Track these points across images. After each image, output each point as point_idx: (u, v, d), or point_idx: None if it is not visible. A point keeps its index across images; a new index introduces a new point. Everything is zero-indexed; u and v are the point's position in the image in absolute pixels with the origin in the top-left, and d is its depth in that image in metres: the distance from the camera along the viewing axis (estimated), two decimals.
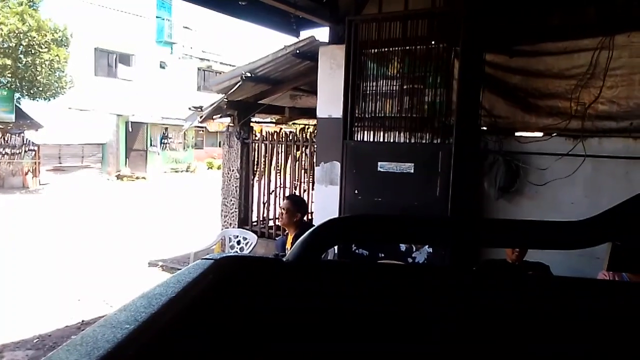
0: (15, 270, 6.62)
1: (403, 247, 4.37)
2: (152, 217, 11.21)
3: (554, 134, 4.45)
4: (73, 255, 7.50)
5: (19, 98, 16.41)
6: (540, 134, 4.58)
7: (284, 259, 1.01)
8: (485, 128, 4.74)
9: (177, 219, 11.03)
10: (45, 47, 15.68)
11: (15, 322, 4.81)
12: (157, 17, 22.70)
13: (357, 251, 4.55)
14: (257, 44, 18.44)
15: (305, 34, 6.08)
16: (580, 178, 4.27)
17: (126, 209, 12.37)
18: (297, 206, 4.12)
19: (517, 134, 4.67)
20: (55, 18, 16.27)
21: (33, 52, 15.51)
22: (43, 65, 15.70)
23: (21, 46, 15.37)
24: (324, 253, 1.17)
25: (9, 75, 15.64)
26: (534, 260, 3.55)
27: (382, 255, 4.46)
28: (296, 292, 0.99)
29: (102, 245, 8.29)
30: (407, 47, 4.27)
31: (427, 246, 4.28)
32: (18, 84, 15.91)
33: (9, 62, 15.22)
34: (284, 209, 4.15)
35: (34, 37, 15.32)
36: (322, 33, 5.98)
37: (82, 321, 4.87)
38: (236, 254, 4.63)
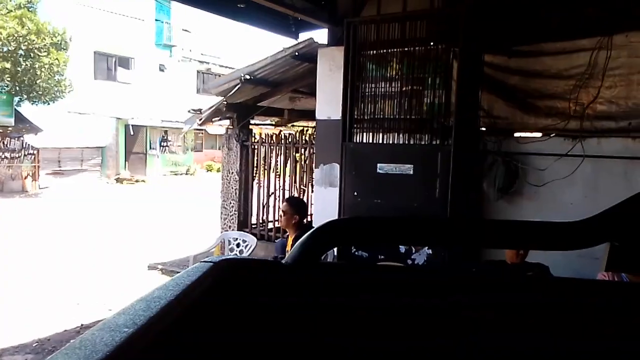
0: (14, 274, 6.61)
1: (402, 248, 4.37)
2: (152, 220, 11.20)
3: (553, 135, 4.45)
4: (72, 259, 7.49)
5: (18, 102, 16.40)
6: (539, 135, 4.58)
7: (283, 262, 1.01)
8: (484, 129, 4.74)
9: (177, 221, 11.02)
10: (45, 51, 15.69)
11: (14, 326, 4.80)
12: (156, 20, 22.73)
13: (356, 253, 4.55)
14: (256, 46, 18.49)
15: (304, 36, 6.10)
16: (579, 178, 4.28)
17: (126, 212, 12.36)
18: (296, 208, 4.12)
19: (516, 134, 4.67)
20: (54, 22, 16.28)
21: (32, 55, 15.52)
22: (42, 69, 15.71)
23: (20, 50, 15.38)
24: (324, 255, 1.17)
25: (9, 79, 15.64)
26: (533, 261, 3.55)
27: (382, 257, 4.46)
28: (295, 294, 0.99)
29: (102, 248, 8.28)
30: (406, 49, 4.28)
31: (426, 248, 4.27)
32: (17, 88, 15.91)
33: (8, 66, 15.22)
34: (282, 211, 4.16)
35: (33, 41, 15.32)
36: (321, 35, 6.00)
37: (82, 325, 4.86)
38: (235, 256, 4.62)
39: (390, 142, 4.38)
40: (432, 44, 4.19)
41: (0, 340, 4.48)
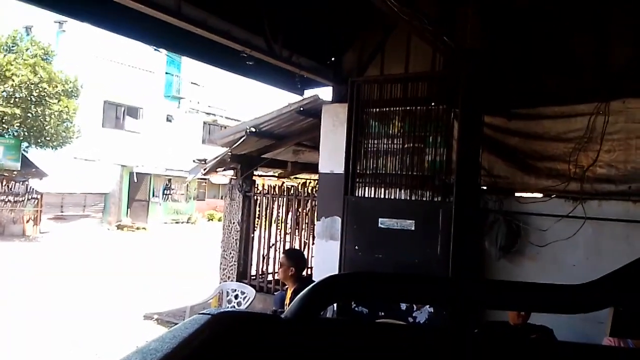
0: (5, 319, 6.47)
1: (404, 306, 4.29)
2: (150, 268, 11.07)
3: (554, 196, 4.47)
4: (67, 306, 7.34)
5: (26, 147, 16.63)
6: (540, 195, 4.61)
7: (282, 316, 1.00)
8: (485, 187, 4.77)
9: (175, 270, 10.88)
10: (55, 98, 16.04)
11: None
12: (166, 72, 23.44)
13: (356, 309, 4.46)
14: (262, 100, 18.92)
15: (309, 92, 6.28)
16: (581, 240, 4.26)
17: (124, 260, 12.24)
18: (293, 260, 4.08)
19: (517, 194, 4.69)
20: (67, 70, 16.76)
21: (43, 102, 15.85)
22: (52, 116, 16.01)
23: (32, 97, 15.72)
24: (323, 310, 1.15)
25: (18, 124, 15.92)
26: (536, 323, 3.47)
27: (382, 313, 4.37)
28: (294, 350, 0.97)
29: (98, 295, 8.13)
30: (408, 108, 4.39)
31: (428, 306, 4.19)
32: (26, 133, 16.17)
33: (18, 111, 15.52)
34: (280, 262, 4.13)
35: (45, 89, 15.71)
36: (325, 92, 6.17)
37: None
38: (233, 309, 4.53)
39: (392, 197, 4.40)
40: (433, 104, 4.30)
41: None
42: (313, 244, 6.61)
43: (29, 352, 5.34)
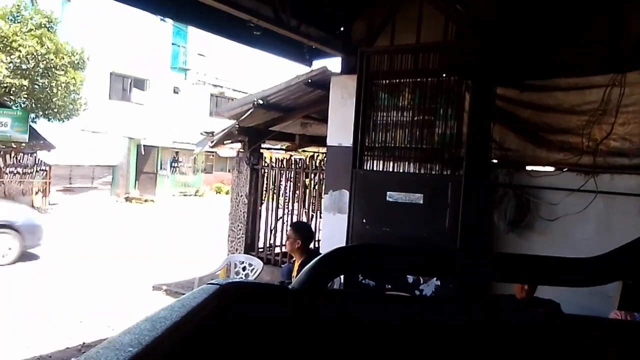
0: (17, 289, 6.61)
1: (410, 278, 4.31)
2: (158, 240, 11.20)
3: (565, 169, 4.42)
4: (77, 276, 7.48)
5: (34, 119, 16.66)
6: (551, 169, 4.56)
7: (290, 287, 1.00)
8: (495, 161, 4.72)
9: (183, 242, 11.00)
10: (62, 70, 15.97)
11: (15, 343, 4.76)
12: (172, 43, 23.19)
13: (363, 281, 4.50)
14: (269, 72, 18.72)
15: (317, 63, 6.18)
16: (591, 214, 4.22)
17: (133, 231, 12.38)
18: (300, 233, 4.10)
19: (527, 167, 4.64)
20: (73, 42, 16.64)
21: (50, 74, 15.79)
22: (59, 88, 15.97)
23: (39, 68, 15.67)
24: (330, 282, 1.15)
25: (25, 96, 15.91)
26: (544, 297, 3.48)
27: (389, 286, 4.40)
28: (301, 320, 0.97)
29: (107, 267, 8.26)
30: (418, 79, 4.31)
31: (435, 279, 4.22)
32: (33, 105, 16.18)
33: (25, 83, 15.49)
34: (287, 235, 4.15)
35: (52, 60, 15.63)
36: (334, 63, 6.08)
37: (83, 343, 4.82)
38: (241, 280, 4.58)
39: (401, 170, 4.37)
40: (444, 75, 4.22)
41: (2, 356, 4.45)
42: (320, 217, 6.63)
43: (37, 321, 5.46)
